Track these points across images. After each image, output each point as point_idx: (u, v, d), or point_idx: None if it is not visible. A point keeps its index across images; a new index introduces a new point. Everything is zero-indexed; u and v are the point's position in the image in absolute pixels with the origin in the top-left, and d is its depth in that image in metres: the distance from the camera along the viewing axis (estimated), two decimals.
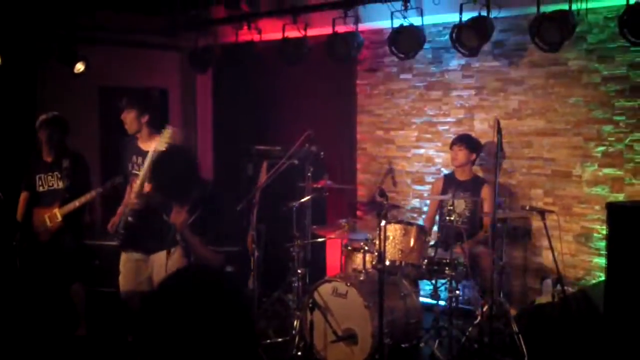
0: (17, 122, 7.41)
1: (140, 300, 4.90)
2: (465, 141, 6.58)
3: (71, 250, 6.08)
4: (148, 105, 5.18)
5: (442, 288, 6.15)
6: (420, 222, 6.99)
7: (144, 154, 5.11)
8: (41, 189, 6.08)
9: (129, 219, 5.01)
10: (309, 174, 6.27)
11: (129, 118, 5.09)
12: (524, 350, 5.48)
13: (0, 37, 7.05)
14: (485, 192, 6.44)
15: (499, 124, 5.52)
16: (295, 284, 6.15)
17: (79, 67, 7.60)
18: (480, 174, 6.79)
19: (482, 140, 6.92)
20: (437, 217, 6.81)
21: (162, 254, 4.99)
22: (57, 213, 5.96)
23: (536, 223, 6.59)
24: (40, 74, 7.67)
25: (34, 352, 5.80)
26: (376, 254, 5.41)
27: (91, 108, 7.77)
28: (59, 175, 6.02)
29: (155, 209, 4.90)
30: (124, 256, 5.25)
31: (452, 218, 5.92)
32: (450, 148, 6.66)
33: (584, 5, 5.65)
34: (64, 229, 6.00)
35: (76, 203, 5.91)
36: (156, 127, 5.10)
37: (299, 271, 6.10)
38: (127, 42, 8.28)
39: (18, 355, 5.68)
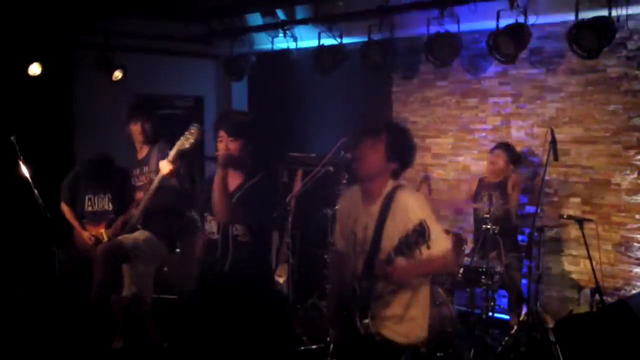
0: (54, 130, 7.52)
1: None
2: (506, 149, 6.45)
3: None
4: (151, 114, 5.29)
5: (478, 297, 6.10)
6: (457, 230, 6.94)
7: (141, 164, 5.34)
8: (89, 209, 6.09)
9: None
10: (344, 181, 6.27)
11: (137, 129, 5.22)
12: None
13: (40, 45, 7.18)
14: (513, 180, 6.33)
15: (553, 133, 5.47)
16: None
17: (117, 74, 7.72)
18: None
19: (518, 148, 6.86)
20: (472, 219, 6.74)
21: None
22: (104, 234, 5.94)
23: (574, 232, 6.50)
24: (78, 82, 7.78)
25: None
26: None
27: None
28: (110, 197, 6.05)
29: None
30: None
31: (488, 226, 5.85)
32: (490, 152, 6.57)
33: (623, 12, 5.58)
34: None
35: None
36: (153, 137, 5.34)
37: None
38: (164, 50, 8.40)
39: None
